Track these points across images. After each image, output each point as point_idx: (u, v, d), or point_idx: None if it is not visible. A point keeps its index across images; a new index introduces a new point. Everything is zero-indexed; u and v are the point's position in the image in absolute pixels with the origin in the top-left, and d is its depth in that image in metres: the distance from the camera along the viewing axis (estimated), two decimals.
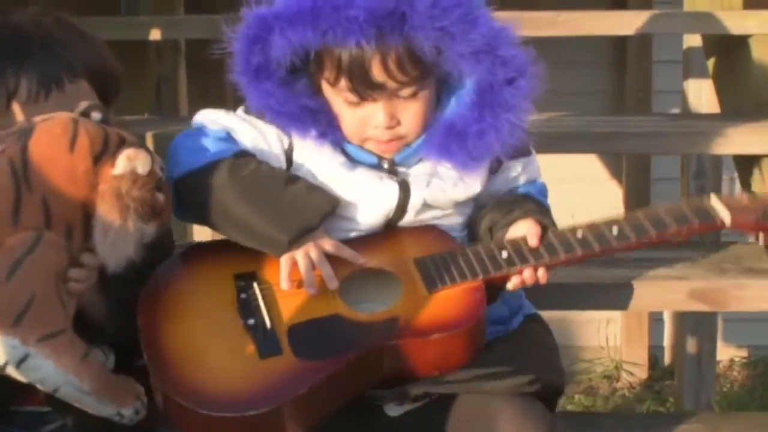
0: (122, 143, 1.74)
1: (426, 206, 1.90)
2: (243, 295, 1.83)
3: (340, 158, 1.89)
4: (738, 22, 2.93)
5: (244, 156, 1.85)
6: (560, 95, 3.12)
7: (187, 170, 1.84)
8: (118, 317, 1.81)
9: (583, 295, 2.24)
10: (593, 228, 1.87)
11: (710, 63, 3.25)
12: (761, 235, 2.10)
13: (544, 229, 1.87)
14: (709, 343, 4.02)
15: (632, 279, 2.26)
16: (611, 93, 5.18)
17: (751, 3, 3.14)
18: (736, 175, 2.92)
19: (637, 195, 5.04)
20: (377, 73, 1.76)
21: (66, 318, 1.70)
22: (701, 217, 1.88)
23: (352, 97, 1.81)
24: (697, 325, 3.97)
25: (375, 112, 1.82)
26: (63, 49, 1.90)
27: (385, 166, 1.89)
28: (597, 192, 5.14)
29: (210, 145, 1.86)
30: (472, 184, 1.92)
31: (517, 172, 1.99)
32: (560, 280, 2.06)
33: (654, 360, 5.14)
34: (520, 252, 1.84)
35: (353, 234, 1.91)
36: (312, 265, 1.80)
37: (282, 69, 1.79)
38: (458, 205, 1.94)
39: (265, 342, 1.77)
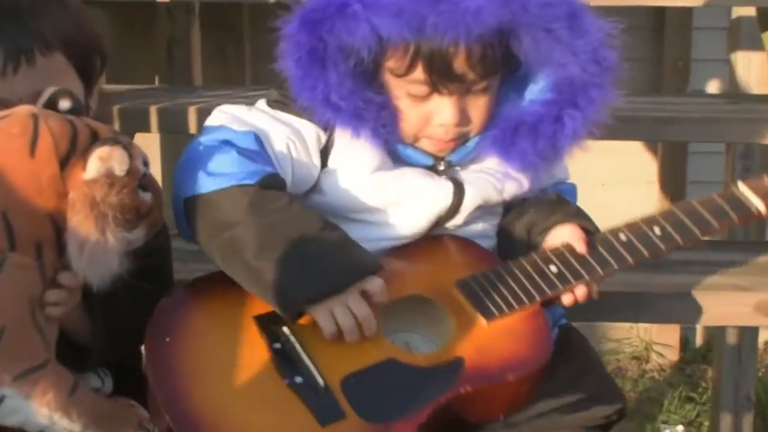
0: (94, 139, 1.50)
1: (478, 207, 1.75)
2: (276, 345, 1.59)
3: (387, 158, 1.71)
4: None
5: (273, 182, 1.61)
6: None
7: (200, 192, 1.61)
8: (108, 338, 1.60)
9: (634, 305, 2.06)
10: (635, 230, 1.80)
11: (766, 36, 3.04)
12: None
13: (589, 235, 1.75)
14: (750, 329, 3.80)
15: (691, 288, 2.08)
16: (648, 60, 4.94)
17: None
18: None
19: (672, 168, 4.91)
20: (459, 64, 1.65)
21: (46, 348, 1.49)
22: (738, 210, 1.85)
23: (422, 90, 1.66)
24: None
25: (442, 108, 1.68)
26: (35, 17, 1.68)
27: (441, 167, 1.74)
28: (632, 161, 4.95)
29: (231, 161, 1.61)
30: (521, 180, 1.79)
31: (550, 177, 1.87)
32: (606, 288, 1.88)
33: (685, 342, 4.99)
34: (570, 265, 1.71)
35: (388, 243, 1.73)
36: (353, 317, 1.58)
37: (352, 59, 1.61)
38: (498, 205, 1.81)
39: (323, 404, 1.53)
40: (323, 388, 1.55)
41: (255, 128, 1.69)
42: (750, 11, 3.24)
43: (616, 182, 4.84)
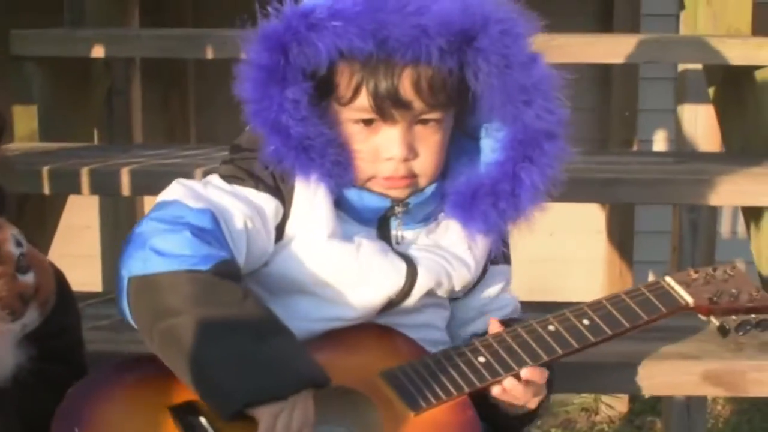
0: None
1: (428, 293, 1.70)
2: None
3: (336, 228, 1.65)
4: (748, 51, 2.70)
5: (227, 269, 1.53)
6: None
7: (147, 272, 1.51)
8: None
9: (579, 376, 2.00)
10: (563, 320, 1.76)
11: (712, 91, 3.04)
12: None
13: (516, 323, 1.73)
14: None
15: (636, 357, 2.03)
16: (595, 111, 5.01)
17: (762, 28, 2.95)
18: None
19: (620, 217, 4.91)
20: (407, 89, 1.59)
21: None
22: (666, 302, 1.86)
23: (368, 117, 1.60)
24: None
25: (391, 141, 1.62)
26: None
27: (399, 209, 1.67)
28: (579, 211, 4.65)
29: (183, 242, 1.53)
30: (469, 272, 1.74)
31: (498, 288, 1.83)
32: None
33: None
34: (498, 356, 1.66)
35: (336, 324, 1.67)
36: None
37: (309, 80, 1.57)
38: (446, 297, 1.76)
39: None
40: None
41: (212, 205, 1.59)
42: (697, 65, 3.25)
43: (563, 232, 4.85)
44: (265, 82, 1.56)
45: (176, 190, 1.60)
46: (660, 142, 4.85)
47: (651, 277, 4.84)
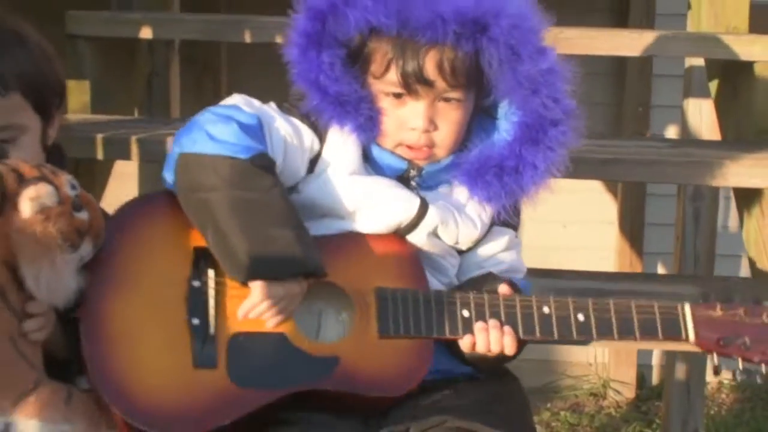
0: (20, 181, 1.65)
1: (433, 234, 1.89)
2: (195, 283, 1.79)
3: (363, 168, 1.88)
4: (743, 47, 2.90)
5: (263, 162, 1.78)
6: None
7: (197, 151, 1.77)
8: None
9: None
10: (561, 307, 1.87)
11: (713, 85, 3.23)
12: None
13: (517, 293, 1.90)
14: (698, 368, 3.97)
15: None
16: (610, 105, 5.14)
17: (757, 27, 3.13)
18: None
19: (631, 210, 5.04)
20: (430, 69, 1.81)
21: (35, 369, 1.67)
22: (667, 332, 1.88)
23: (397, 91, 1.82)
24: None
25: (415, 113, 1.85)
26: None
27: (413, 173, 1.90)
28: (592, 203, 5.11)
29: (232, 133, 1.78)
30: (476, 228, 1.93)
31: (501, 247, 2.00)
32: None
33: (641, 379, 5.12)
34: (482, 315, 1.83)
35: None
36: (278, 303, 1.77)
37: (344, 48, 1.81)
38: (449, 251, 1.94)
39: (203, 350, 1.75)
40: (211, 336, 1.76)
41: (261, 113, 1.85)
42: (701, 60, 3.39)
43: (576, 223, 4.98)
44: (305, 47, 1.82)
45: (235, 98, 1.89)
46: (670, 136, 4.93)
47: (660, 269, 4.94)
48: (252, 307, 1.76)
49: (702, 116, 3.59)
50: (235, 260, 1.74)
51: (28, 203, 1.64)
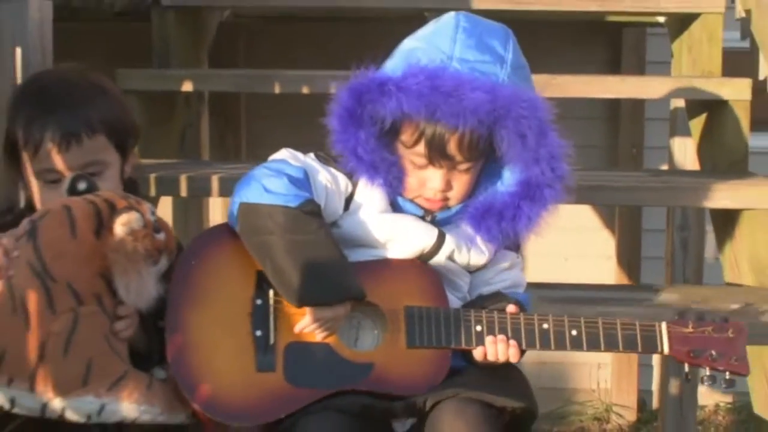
0: (113, 210, 1.99)
1: (449, 259, 2.21)
2: (258, 301, 2.12)
3: (389, 208, 2.20)
4: (714, 88, 3.19)
5: (310, 208, 2.08)
6: None
7: (255, 201, 2.08)
8: (160, 341, 2.08)
9: None
10: (558, 324, 2.16)
11: (692, 124, 3.52)
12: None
13: (522, 311, 2.19)
14: (690, 388, 4.24)
15: None
16: (605, 148, 5.41)
17: (729, 70, 3.44)
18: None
19: (628, 245, 5.30)
20: (452, 148, 2.11)
21: (123, 361, 2.01)
22: (646, 346, 2.16)
23: (421, 161, 2.14)
24: (681, 369, 4.18)
25: (435, 177, 2.16)
26: (84, 107, 2.12)
27: (428, 218, 2.22)
28: (591, 240, 5.40)
29: (283, 186, 2.08)
30: (484, 254, 2.25)
31: (506, 265, 2.30)
32: None
33: (642, 403, 5.35)
34: (491, 330, 2.14)
35: None
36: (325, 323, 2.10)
37: (378, 124, 2.10)
38: (463, 272, 2.26)
39: (264, 357, 2.09)
40: (271, 345, 2.09)
41: (306, 166, 2.16)
42: (683, 102, 3.71)
43: (577, 257, 5.25)
44: (346, 120, 2.12)
45: (283, 153, 2.20)
46: None
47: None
48: (306, 326, 2.09)
49: (686, 153, 3.90)
50: (290, 291, 2.06)
51: (120, 228, 1.98)
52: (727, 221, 2.99)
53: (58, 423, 1.99)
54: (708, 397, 5.25)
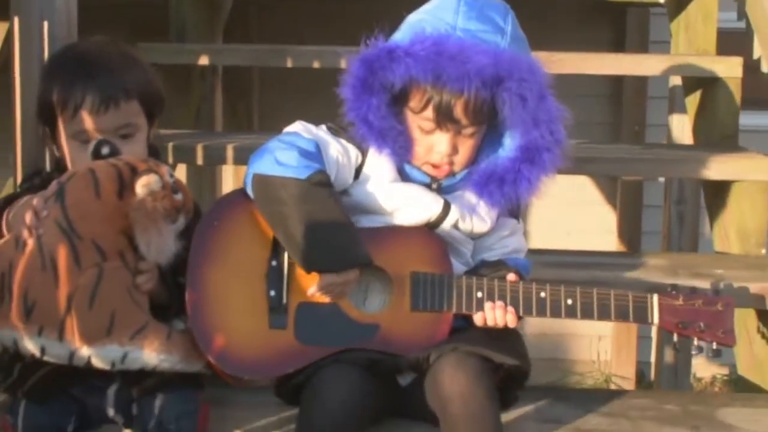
0: (134, 172, 2.14)
1: (454, 227, 2.33)
2: (274, 263, 2.25)
3: (398, 177, 2.32)
4: (707, 66, 3.33)
5: (318, 178, 2.20)
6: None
7: (267, 173, 2.20)
8: (179, 294, 2.24)
9: None
10: (555, 293, 2.27)
11: (687, 101, 3.64)
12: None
13: (522, 279, 2.32)
14: (684, 359, 4.39)
15: None
16: (609, 124, 5.52)
17: (727, 50, 3.51)
18: None
19: (629, 219, 5.44)
20: (459, 112, 2.22)
21: (144, 313, 2.16)
22: (638, 315, 2.26)
23: (429, 125, 2.25)
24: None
25: (441, 141, 2.27)
26: (121, 74, 2.27)
27: (434, 186, 2.33)
28: (593, 214, 5.51)
29: (294, 158, 2.20)
30: (486, 222, 2.37)
31: (507, 232, 2.43)
32: None
33: (641, 375, 5.46)
34: (492, 297, 2.26)
35: None
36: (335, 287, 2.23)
37: (388, 92, 2.23)
38: (466, 239, 2.38)
39: (276, 316, 2.23)
40: (284, 305, 2.23)
41: (318, 139, 2.27)
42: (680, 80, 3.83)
43: (579, 232, 5.33)
44: (359, 89, 2.23)
45: (296, 126, 2.31)
46: None
47: None
48: (318, 290, 2.22)
49: (684, 129, 4.01)
50: (300, 257, 2.18)
51: (141, 188, 2.12)
52: (717, 193, 3.11)
53: (83, 371, 2.15)
54: (705, 369, 5.37)
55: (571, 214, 5.40)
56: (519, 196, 2.31)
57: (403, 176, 2.33)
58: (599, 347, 5.55)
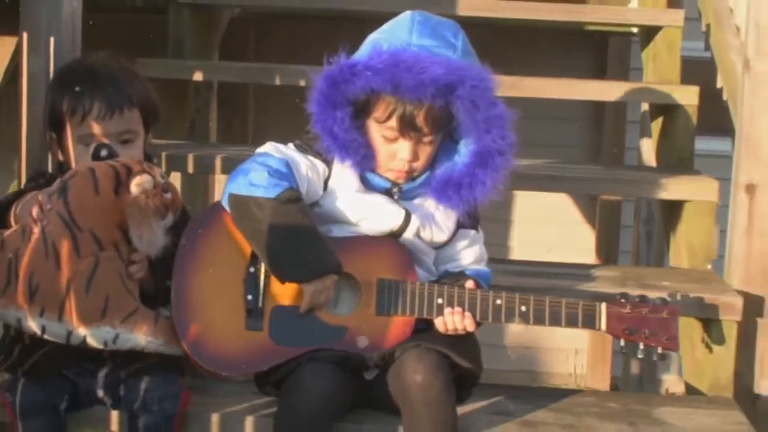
0: (129, 172, 2.35)
1: (416, 236, 2.50)
2: (252, 269, 2.42)
3: (362, 187, 2.49)
4: (667, 92, 3.54)
5: (288, 195, 2.35)
6: (543, 147, 3.69)
7: (239, 193, 2.37)
8: (165, 284, 2.45)
9: None
10: (510, 301, 2.41)
11: (652, 125, 3.85)
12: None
13: (479, 288, 2.48)
14: (649, 368, 4.62)
15: None
16: (590, 147, 5.72)
17: (695, 78, 3.67)
18: None
19: (606, 239, 5.63)
20: (420, 121, 2.39)
21: (135, 299, 2.38)
22: (587, 322, 2.41)
23: (393, 134, 2.41)
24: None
25: (403, 148, 2.43)
26: (124, 86, 2.51)
27: (395, 191, 2.50)
28: (573, 233, 5.72)
29: (265, 178, 2.35)
30: (444, 232, 2.54)
31: (465, 243, 2.57)
32: None
33: (615, 387, 5.61)
34: (452, 303, 2.42)
35: None
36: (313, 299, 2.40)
37: (351, 106, 2.40)
38: (428, 248, 2.55)
39: (253, 318, 2.40)
40: (260, 308, 2.40)
41: (288, 158, 2.42)
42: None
43: (560, 248, 5.39)
44: (324, 104, 2.41)
45: (267, 147, 2.50)
46: None
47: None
48: (307, 306, 2.39)
49: (651, 152, 4.13)
50: (277, 270, 2.36)
51: (135, 187, 2.33)
52: (672, 211, 3.31)
53: (76, 354, 2.38)
54: (676, 384, 5.52)
55: (553, 232, 5.59)
56: (476, 199, 2.46)
57: (366, 184, 2.48)
58: (576, 361, 5.74)
